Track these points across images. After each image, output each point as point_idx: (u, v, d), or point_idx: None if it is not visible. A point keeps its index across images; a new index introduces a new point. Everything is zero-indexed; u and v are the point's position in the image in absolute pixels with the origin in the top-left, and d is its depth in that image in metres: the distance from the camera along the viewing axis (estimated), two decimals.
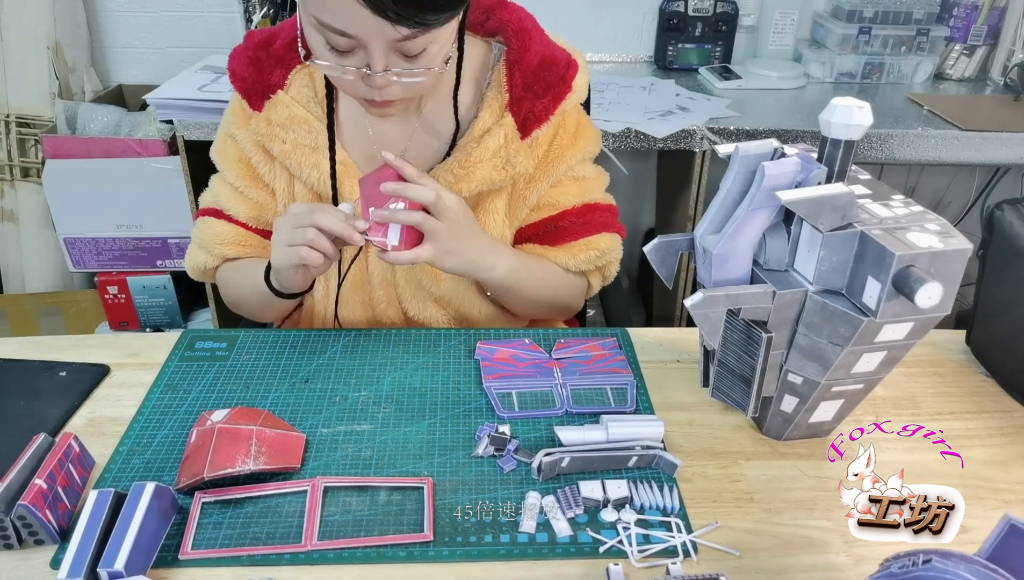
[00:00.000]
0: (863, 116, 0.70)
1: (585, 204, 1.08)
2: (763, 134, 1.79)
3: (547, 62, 1.01)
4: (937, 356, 1.01)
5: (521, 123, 1.00)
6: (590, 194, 1.09)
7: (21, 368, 0.95)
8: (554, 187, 1.07)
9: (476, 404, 0.90)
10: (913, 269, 0.66)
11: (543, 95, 1.00)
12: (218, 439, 0.77)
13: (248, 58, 1.03)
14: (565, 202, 1.08)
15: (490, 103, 1.01)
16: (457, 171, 1.00)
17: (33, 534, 0.70)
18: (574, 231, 1.08)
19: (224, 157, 1.10)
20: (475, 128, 1.01)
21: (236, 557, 0.70)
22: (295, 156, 1.02)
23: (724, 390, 0.85)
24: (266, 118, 1.02)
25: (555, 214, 1.08)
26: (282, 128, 1.01)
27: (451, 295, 1.08)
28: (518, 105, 1.00)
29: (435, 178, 0.99)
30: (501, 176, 1.00)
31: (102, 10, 2.21)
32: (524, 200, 1.06)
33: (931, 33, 2.13)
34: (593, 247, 1.08)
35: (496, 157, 0.99)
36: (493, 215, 1.05)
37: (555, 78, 1.01)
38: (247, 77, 1.03)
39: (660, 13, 2.19)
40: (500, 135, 0.99)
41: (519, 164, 1.00)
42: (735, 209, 0.76)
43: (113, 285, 2.06)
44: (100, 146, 1.88)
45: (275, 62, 1.02)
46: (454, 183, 1.00)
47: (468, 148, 1.00)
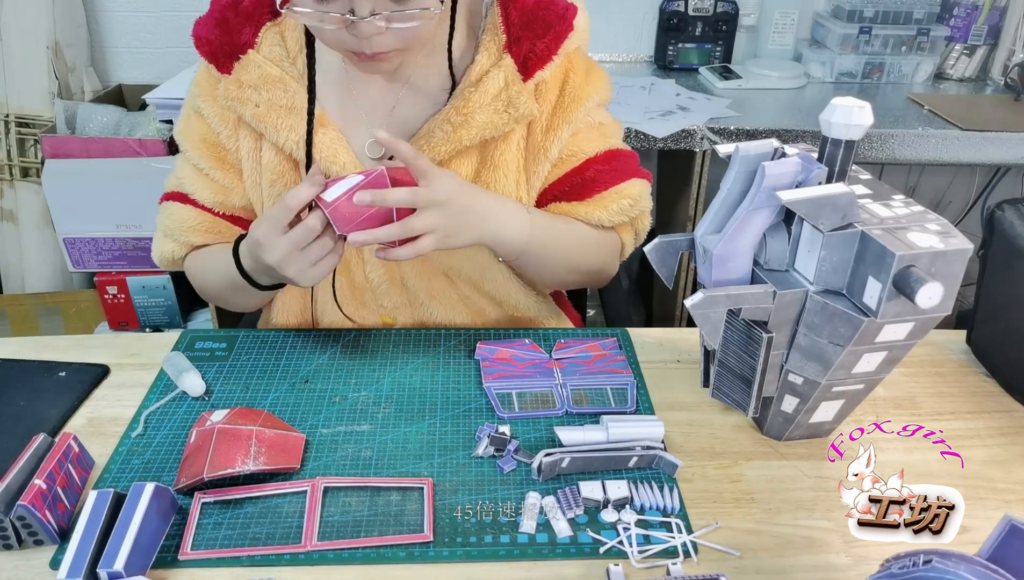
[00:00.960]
0: (863, 116, 0.70)
1: (609, 150, 1.02)
2: (763, 134, 1.79)
3: (544, 2, 0.96)
4: (937, 356, 1.01)
5: (522, 64, 0.95)
6: (612, 140, 1.04)
7: (21, 368, 0.95)
8: (574, 136, 1.01)
9: (476, 404, 0.90)
10: (914, 269, 0.66)
11: (543, 34, 0.95)
12: (218, 439, 0.77)
13: (215, 20, 0.97)
14: (587, 150, 1.01)
15: (486, 45, 0.95)
16: (454, 118, 0.93)
17: (33, 534, 0.70)
18: (603, 180, 1.02)
19: (188, 136, 1.03)
20: (472, 72, 0.95)
21: (236, 557, 0.70)
22: (269, 118, 0.95)
23: (724, 390, 0.85)
24: (236, 80, 0.95)
25: (580, 164, 1.02)
26: (254, 89, 0.95)
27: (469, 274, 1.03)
28: (517, 45, 0.94)
29: (431, 131, 0.94)
30: (503, 119, 0.94)
31: (102, 10, 2.21)
32: (545, 153, 1.00)
33: (931, 33, 2.13)
34: (624, 195, 1.03)
35: (496, 100, 0.93)
36: (503, 169, 0.98)
37: (555, 17, 0.96)
38: (213, 40, 0.97)
39: (660, 13, 2.19)
40: (499, 77, 0.94)
41: (522, 106, 0.94)
42: (735, 209, 0.76)
43: (113, 285, 2.06)
44: (100, 146, 1.88)
45: (244, 20, 0.96)
46: (452, 132, 0.94)
47: (466, 93, 0.94)
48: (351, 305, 1.06)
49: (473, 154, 0.97)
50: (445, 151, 0.95)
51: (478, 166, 0.98)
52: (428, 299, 1.05)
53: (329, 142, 0.96)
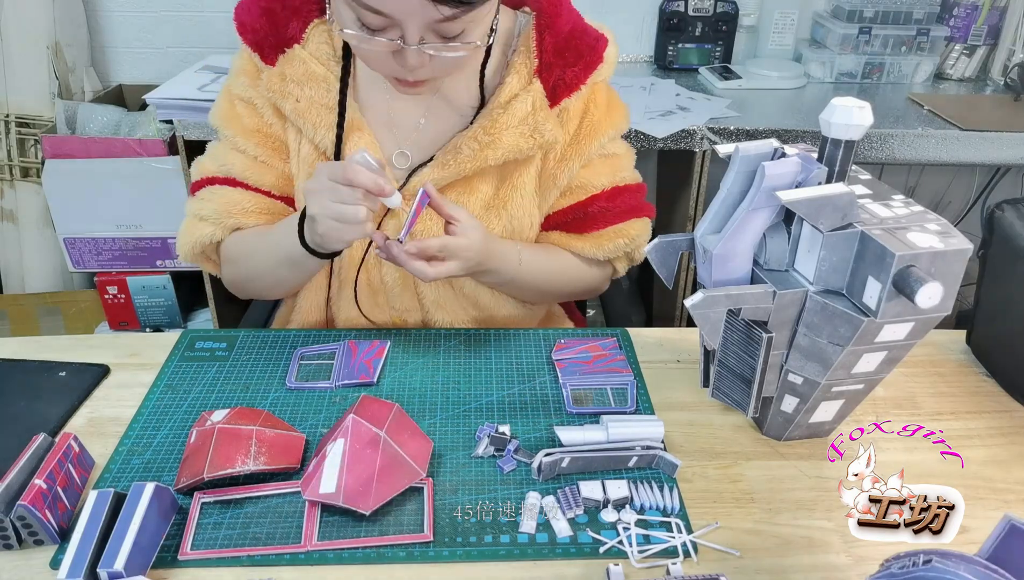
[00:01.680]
0: (863, 116, 0.70)
1: (615, 187, 1.05)
2: (763, 134, 1.79)
3: (578, 31, 0.98)
4: (937, 356, 1.01)
5: (550, 90, 0.96)
6: (620, 173, 1.06)
7: (21, 368, 0.95)
8: (585, 168, 1.03)
9: (476, 404, 0.90)
10: (913, 269, 0.66)
11: (574, 63, 0.96)
12: (218, 439, 0.77)
13: (260, 8, 0.96)
14: (595, 184, 1.04)
15: (517, 68, 0.96)
16: (482, 138, 0.95)
17: (33, 534, 0.70)
18: (604, 218, 1.04)
19: (236, 124, 1.02)
20: (501, 94, 0.96)
21: (236, 557, 0.70)
22: (309, 115, 0.96)
23: (724, 390, 0.85)
24: (280, 73, 0.95)
25: (584, 200, 1.04)
26: (297, 85, 0.95)
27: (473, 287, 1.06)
28: (548, 71, 0.96)
29: (458, 147, 0.95)
30: (528, 144, 0.95)
31: (102, 10, 2.21)
32: (554, 180, 1.02)
33: (931, 33, 2.13)
34: (622, 234, 1.05)
35: (523, 124, 0.95)
36: (521, 190, 1.00)
37: (586, 47, 0.97)
38: (259, 29, 0.96)
39: (660, 13, 2.19)
40: (528, 101, 0.95)
41: (547, 132, 0.96)
42: (735, 209, 0.76)
43: (113, 285, 2.06)
44: (100, 146, 1.88)
45: (291, 13, 0.96)
46: (479, 150, 0.95)
47: (494, 114, 0.95)
48: (367, 304, 1.07)
49: (494, 174, 0.99)
50: (470, 168, 0.96)
51: (498, 185, 1.01)
52: (434, 307, 1.06)
53: (362, 146, 0.97)
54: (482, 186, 1.00)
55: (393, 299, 1.06)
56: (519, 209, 1.01)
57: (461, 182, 0.99)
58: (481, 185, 0.99)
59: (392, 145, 1.01)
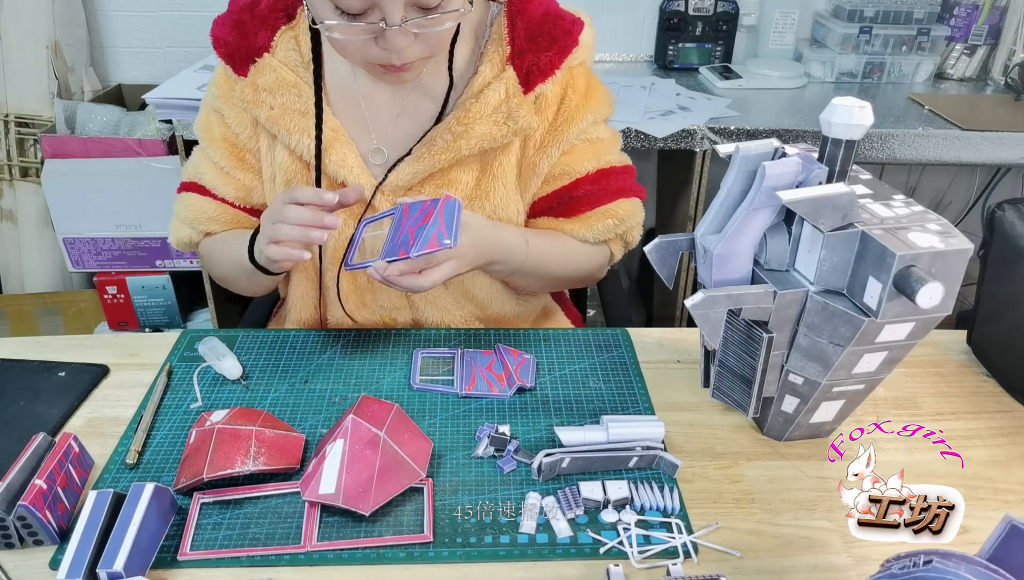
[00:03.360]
0: (864, 116, 0.70)
1: (600, 169, 1.04)
2: (764, 134, 1.78)
3: (552, 16, 0.97)
4: (938, 356, 1.01)
5: (524, 76, 0.96)
6: (605, 157, 1.05)
7: (21, 368, 0.95)
8: (567, 153, 1.02)
9: (476, 404, 0.90)
10: (914, 269, 0.66)
11: (548, 48, 0.96)
12: (217, 440, 0.77)
13: (232, 22, 0.98)
14: (579, 169, 1.03)
15: (490, 56, 0.96)
16: (455, 128, 0.95)
17: (33, 534, 0.70)
18: (589, 200, 1.04)
19: (208, 133, 1.05)
20: (474, 83, 0.96)
21: (235, 558, 0.70)
22: (283, 121, 0.97)
23: (725, 390, 0.85)
24: (252, 83, 0.97)
25: (568, 184, 1.04)
26: (269, 93, 0.97)
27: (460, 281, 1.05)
28: (520, 58, 0.95)
29: (433, 139, 0.95)
30: (502, 131, 0.95)
31: (102, 10, 2.21)
32: (534, 169, 1.02)
33: (932, 33, 2.13)
34: (611, 215, 1.05)
35: (497, 113, 0.95)
36: (502, 179, 1.00)
37: (561, 32, 0.97)
38: (231, 41, 0.98)
39: (660, 12, 2.19)
40: (500, 89, 0.95)
41: (521, 119, 0.95)
42: (736, 209, 0.76)
43: (112, 285, 2.06)
44: (99, 146, 1.88)
45: (259, 23, 0.97)
46: (452, 141, 0.95)
47: (467, 104, 0.95)
48: (352, 303, 1.06)
49: (474, 163, 0.99)
50: (445, 159, 0.96)
51: (479, 175, 1.00)
52: (423, 302, 1.06)
53: (339, 148, 0.98)
54: (462, 177, 0.99)
55: (380, 297, 1.06)
56: (503, 198, 1.00)
57: (439, 174, 0.98)
58: (461, 176, 0.99)
59: (368, 143, 1.01)
